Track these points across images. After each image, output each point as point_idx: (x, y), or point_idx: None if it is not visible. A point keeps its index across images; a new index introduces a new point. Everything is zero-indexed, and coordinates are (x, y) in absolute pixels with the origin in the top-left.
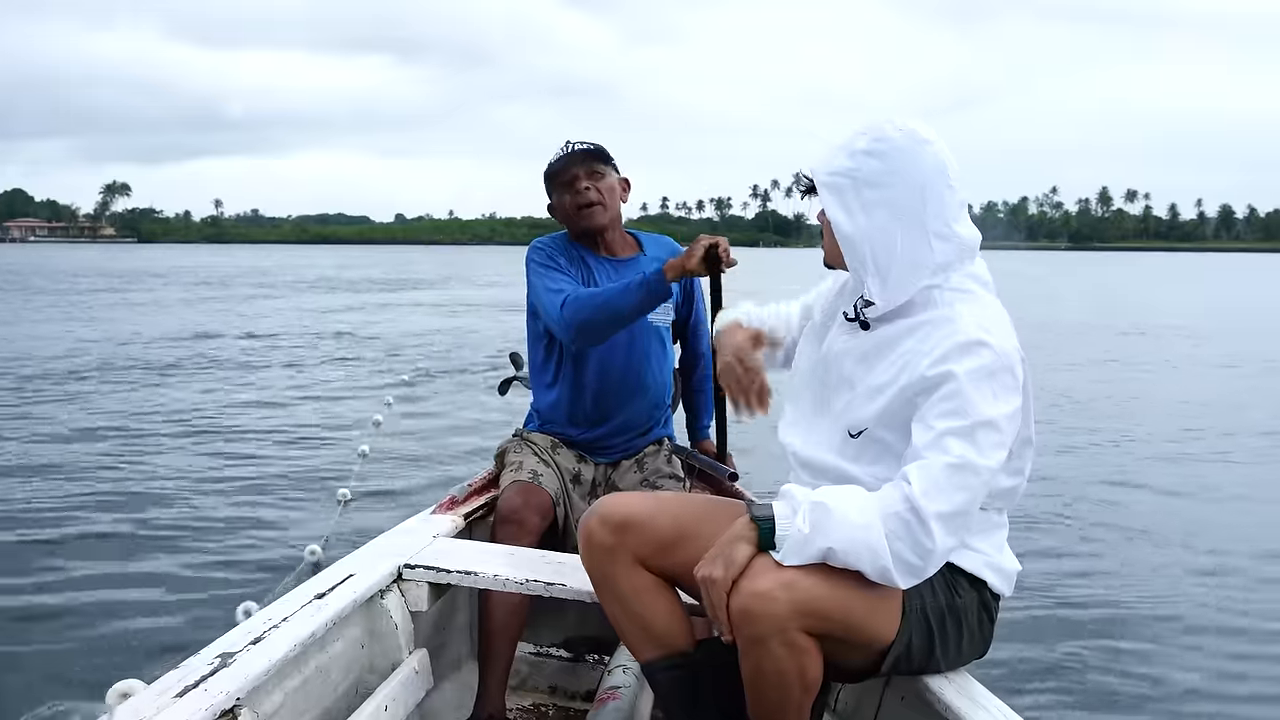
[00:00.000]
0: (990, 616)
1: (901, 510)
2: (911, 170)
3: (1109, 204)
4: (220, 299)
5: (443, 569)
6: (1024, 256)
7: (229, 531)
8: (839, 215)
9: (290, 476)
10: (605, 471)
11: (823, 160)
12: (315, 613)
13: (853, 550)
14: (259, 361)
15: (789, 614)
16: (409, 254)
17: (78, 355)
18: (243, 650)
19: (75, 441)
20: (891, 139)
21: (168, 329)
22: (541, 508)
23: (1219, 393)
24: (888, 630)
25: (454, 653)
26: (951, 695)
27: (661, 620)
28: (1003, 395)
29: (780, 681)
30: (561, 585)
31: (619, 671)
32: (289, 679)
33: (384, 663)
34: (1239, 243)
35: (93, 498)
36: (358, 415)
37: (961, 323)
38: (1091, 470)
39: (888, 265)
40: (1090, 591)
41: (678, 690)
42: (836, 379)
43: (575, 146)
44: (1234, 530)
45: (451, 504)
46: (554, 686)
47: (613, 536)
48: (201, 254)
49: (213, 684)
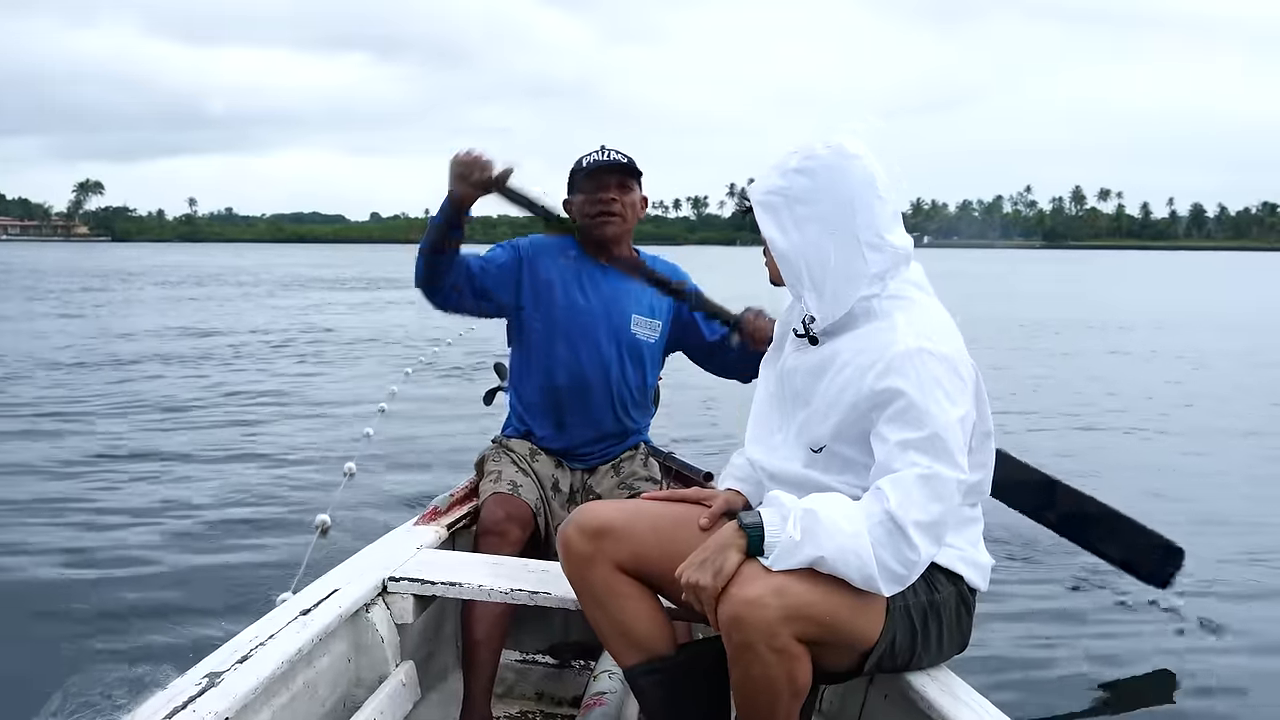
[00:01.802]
0: (968, 611)
1: (884, 521)
2: (840, 185)
3: (1082, 203)
4: (233, 298)
5: (427, 580)
6: (994, 255)
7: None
8: (774, 233)
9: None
10: (583, 478)
11: (759, 181)
12: (301, 629)
13: (841, 559)
14: (274, 352)
15: (779, 620)
16: (390, 253)
17: (66, 348)
18: (230, 669)
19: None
20: (820, 156)
21: (180, 323)
22: (522, 519)
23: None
24: (872, 630)
25: (440, 663)
26: (934, 692)
27: (642, 625)
28: (953, 398)
29: (770, 687)
30: (546, 594)
31: (604, 677)
32: (276, 696)
33: (371, 676)
34: (1210, 241)
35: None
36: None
37: (900, 332)
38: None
39: (822, 279)
40: (1061, 584)
41: (660, 694)
42: (792, 395)
43: (613, 154)
44: (1201, 511)
45: (434, 515)
46: (540, 693)
47: (590, 544)
48: (180, 253)
49: (201, 704)
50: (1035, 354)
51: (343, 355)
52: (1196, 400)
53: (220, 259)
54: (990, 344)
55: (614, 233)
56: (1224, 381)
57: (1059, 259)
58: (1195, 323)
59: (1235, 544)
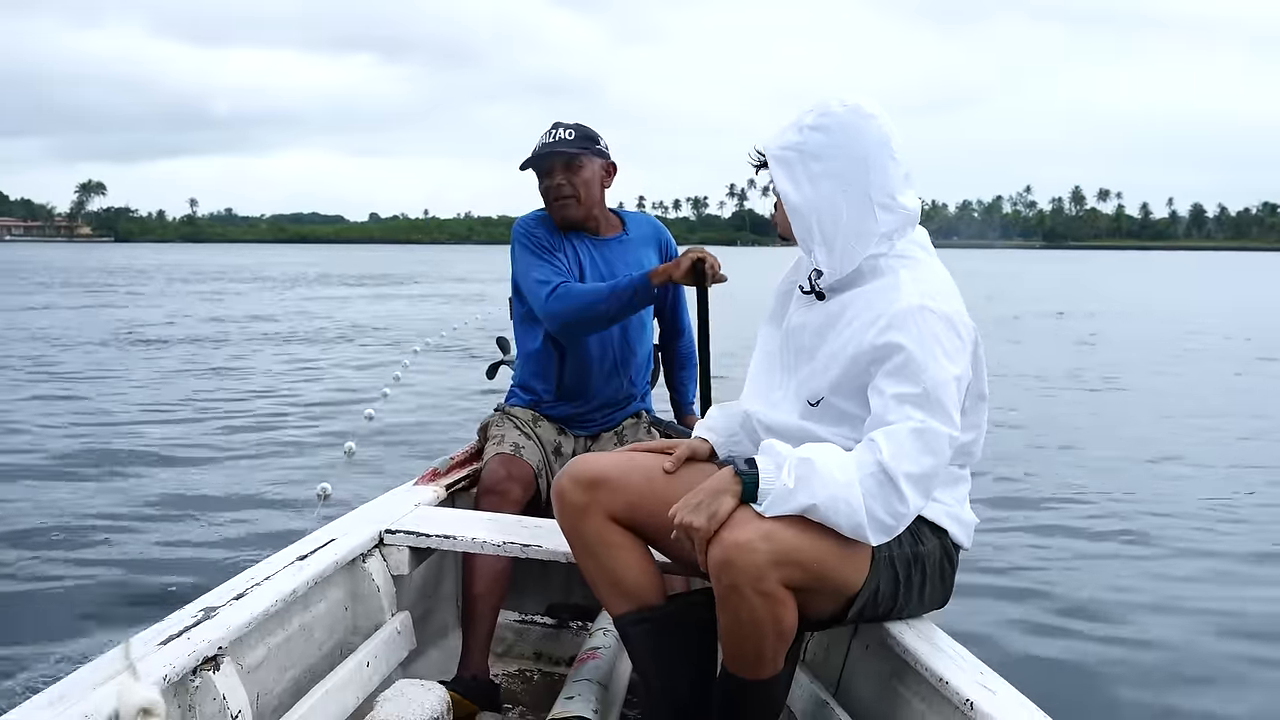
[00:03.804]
0: (952, 566)
1: (875, 472)
2: (855, 143)
3: (1082, 203)
4: (274, 289)
5: (423, 533)
6: (997, 255)
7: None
8: (787, 187)
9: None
10: (585, 444)
11: (774, 136)
12: (297, 572)
13: (833, 507)
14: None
15: (767, 564)
16: (392, 253)
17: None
18: (225, 605)
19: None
20: (836, 114)
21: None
22: (524, 479)
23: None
24: (857, 579)
25: (440, 620)
26: (913, 640)
27: (632, 575)
28: (951, 356)
29: (756, 630)
30: (538, 547)
31: (600, 634)
32: (272, 635)
33: (367, 624)
34: (1210, 241)
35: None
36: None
37: (904, 289)
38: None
39: (833, 234)
40: (1045, 550)
41: (649, 643)
42: (797, 351)
43: (558, 133)
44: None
45: (434, 475)
46: (539, 653)
47: (584, 494)
48: (187, 252)
49: (195, 634)
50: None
51: (349, 341)
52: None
53: (230, 258)
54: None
55: (574, 214)
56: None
57: (1062, 259)
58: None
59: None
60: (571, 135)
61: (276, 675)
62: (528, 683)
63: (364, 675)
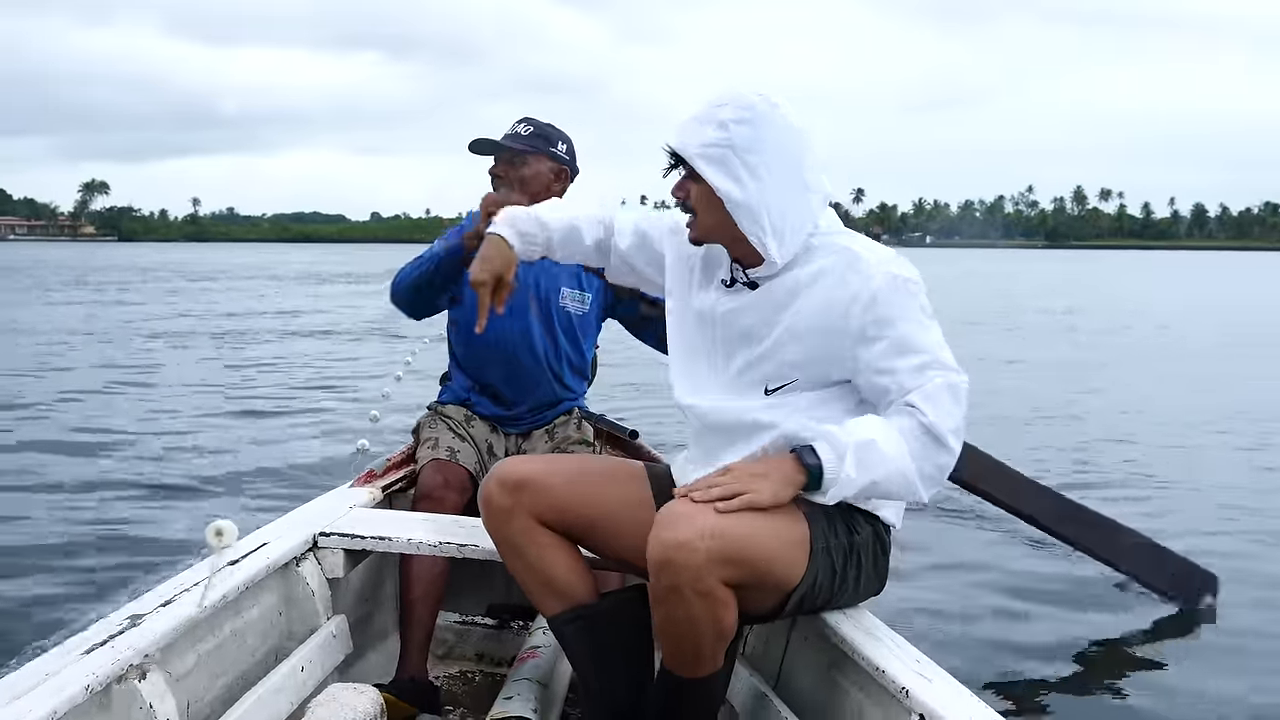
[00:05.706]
0: (884, 551)
1: (920, 434)
2: (782, 132)
3: (1084, 203)
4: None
5: (358, 535)
6: (1001, 255)
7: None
8: (727, 185)
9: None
10: (517, 442)
11: (688, 135)
12: (228, 577)
13: (890, 480)
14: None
15: (708, 563)
16: (395, 252)
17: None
18: (151, 612)
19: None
20: (754, 105)
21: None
22: (460, 484)
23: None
24: (796, 572)
25: (381, 623)
26: (850, 631)
27: (562, 574)
28: (930, 315)
29: (694, 630)
30: (475, 546)
31: (539, 633)
32: (202, 641)
33: (302, 629)
34: (1211, 240)
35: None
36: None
37: (867, 262)
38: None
39: (782, 225)
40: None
41: (584, 641)
42: (735, 337)
43: (516, 128)
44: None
45: (370, 477)
46: (480, 654)
47: (510, 498)
48: (193, 251)
49: (120, 642)
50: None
51: (358, 336)
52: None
53: (239, 258)
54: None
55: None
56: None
57: (1066, 258)
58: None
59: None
60: (527, 131)
61: (208, 683)
62: (469, 684)
63: (298, 680)
